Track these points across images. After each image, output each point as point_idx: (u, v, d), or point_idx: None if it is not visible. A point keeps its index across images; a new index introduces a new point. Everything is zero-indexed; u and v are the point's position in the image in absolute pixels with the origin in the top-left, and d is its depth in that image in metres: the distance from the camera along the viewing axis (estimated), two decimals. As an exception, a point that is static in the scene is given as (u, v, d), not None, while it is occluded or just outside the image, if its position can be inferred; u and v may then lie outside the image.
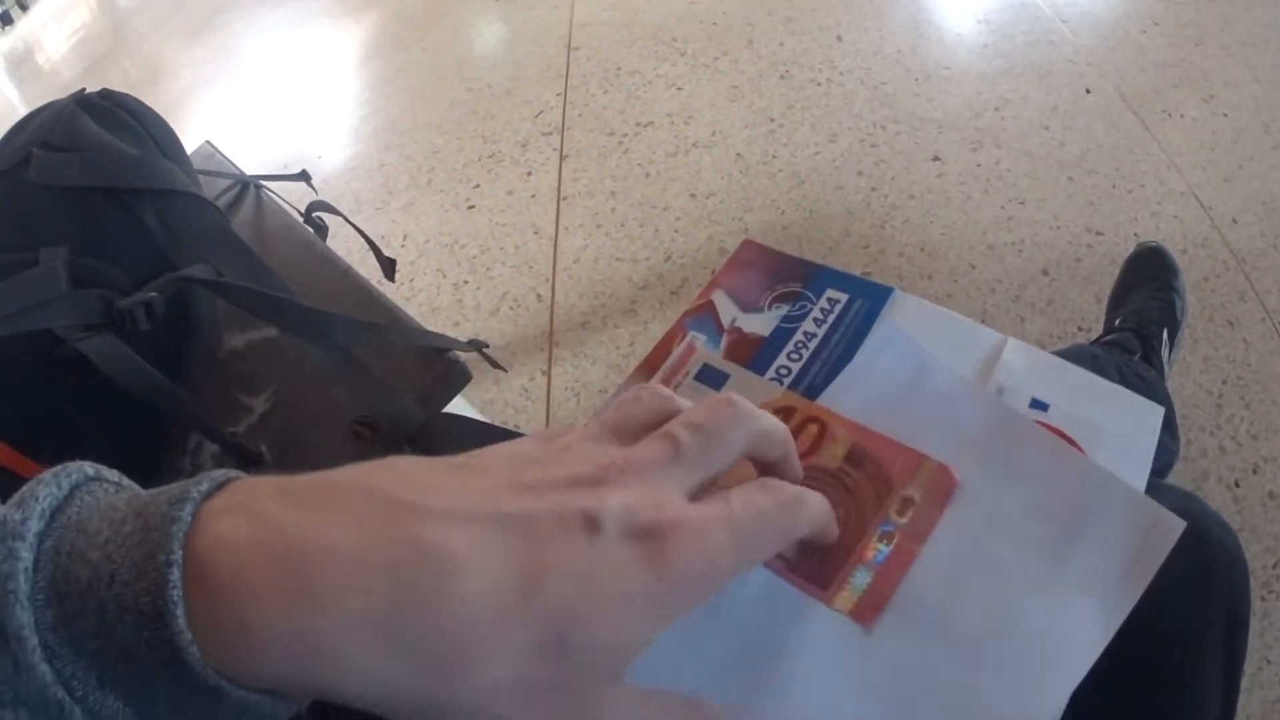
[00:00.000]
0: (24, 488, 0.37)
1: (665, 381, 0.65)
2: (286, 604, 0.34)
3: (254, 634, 0.34)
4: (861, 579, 0.56)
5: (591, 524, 0.39)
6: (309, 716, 0.66)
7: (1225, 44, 2.47)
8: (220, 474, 0.39)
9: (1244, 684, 0.69)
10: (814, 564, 0.56)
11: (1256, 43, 2.45)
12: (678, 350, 0.67)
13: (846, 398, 0.65)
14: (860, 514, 0.58)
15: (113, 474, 0.41)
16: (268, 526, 0.36)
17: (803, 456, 0.60)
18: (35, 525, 0.35)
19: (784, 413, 0.63)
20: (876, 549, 0.57)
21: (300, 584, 0.35)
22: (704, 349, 0.65)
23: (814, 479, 0.59)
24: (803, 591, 0.56)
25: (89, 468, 0.39)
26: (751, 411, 0.47)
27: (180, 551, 0.34)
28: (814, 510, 0.48)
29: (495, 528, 0.38)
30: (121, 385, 0.82)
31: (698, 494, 0.43)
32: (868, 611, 0.55)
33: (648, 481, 0.42)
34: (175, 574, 0.34)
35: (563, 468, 0.42)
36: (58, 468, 0.38)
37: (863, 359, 0.67)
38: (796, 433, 0.62)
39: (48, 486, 0.37)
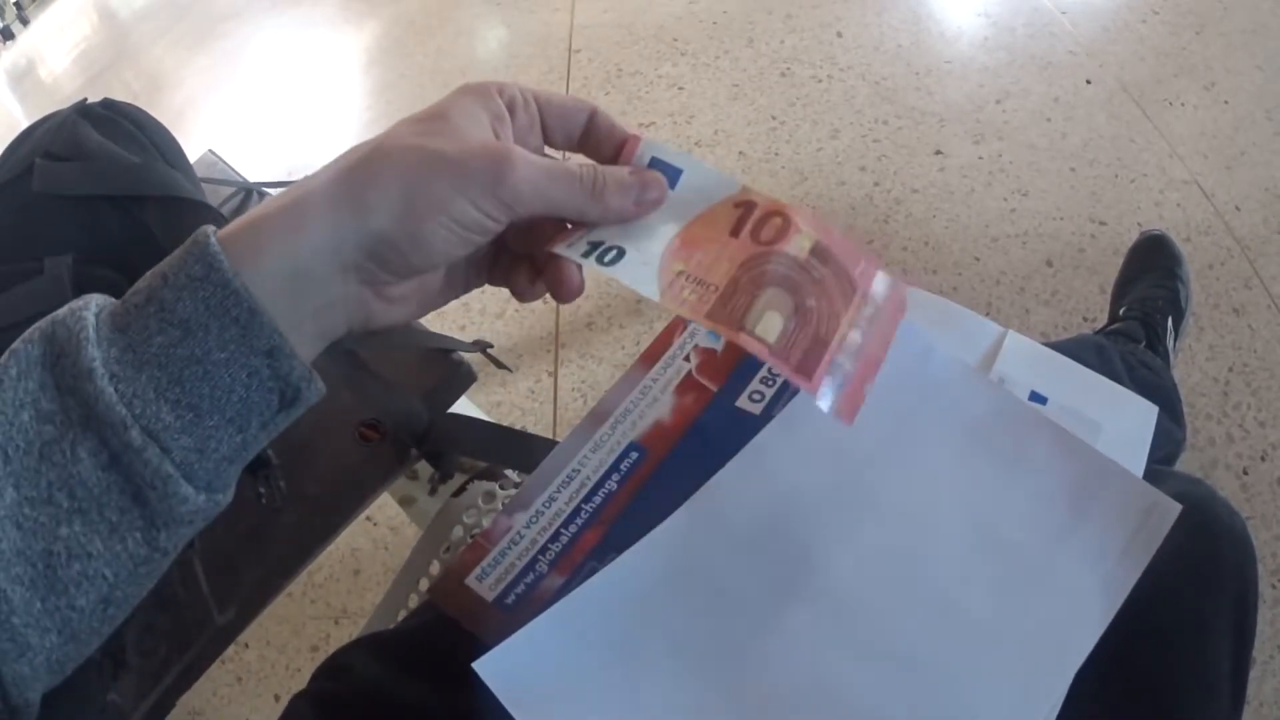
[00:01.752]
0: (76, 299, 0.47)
1: (661, 355, 0.64)
2: (284, 219, 0.47)
3: (264, 245, 0.46)
4: (839, 373, 0.55)
5: None
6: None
7: (1225, 32, 2.47)
8: None
9: (1255, 672, 0.69)
10: (799, 353, 0.55)
11: (1257, 30, 2.46)
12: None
13: None
14: (831, 307, 0.57)
15: None
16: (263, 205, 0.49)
17: (771, 244, 0.59)
18: (94, 306, 0.46)
19: (744, 206, 0.61)
20: (849, 345, 0.56)
21: (293, 200, 0.48)
22: (646, 141, 0.63)
23: (786, 266, 0.58)
24: (790, 380, 0.56)
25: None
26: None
27: (214, 235, 0.46)
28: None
29: None
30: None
31: None
32: (848, 409, 0.54)
33: None
34: (214, 239, 0.45)
35: None
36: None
37: None
38: (760, 224, 0.60)
39: (94, 295, 0.48)
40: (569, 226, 0.57)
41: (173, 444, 0.44)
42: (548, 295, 0.59)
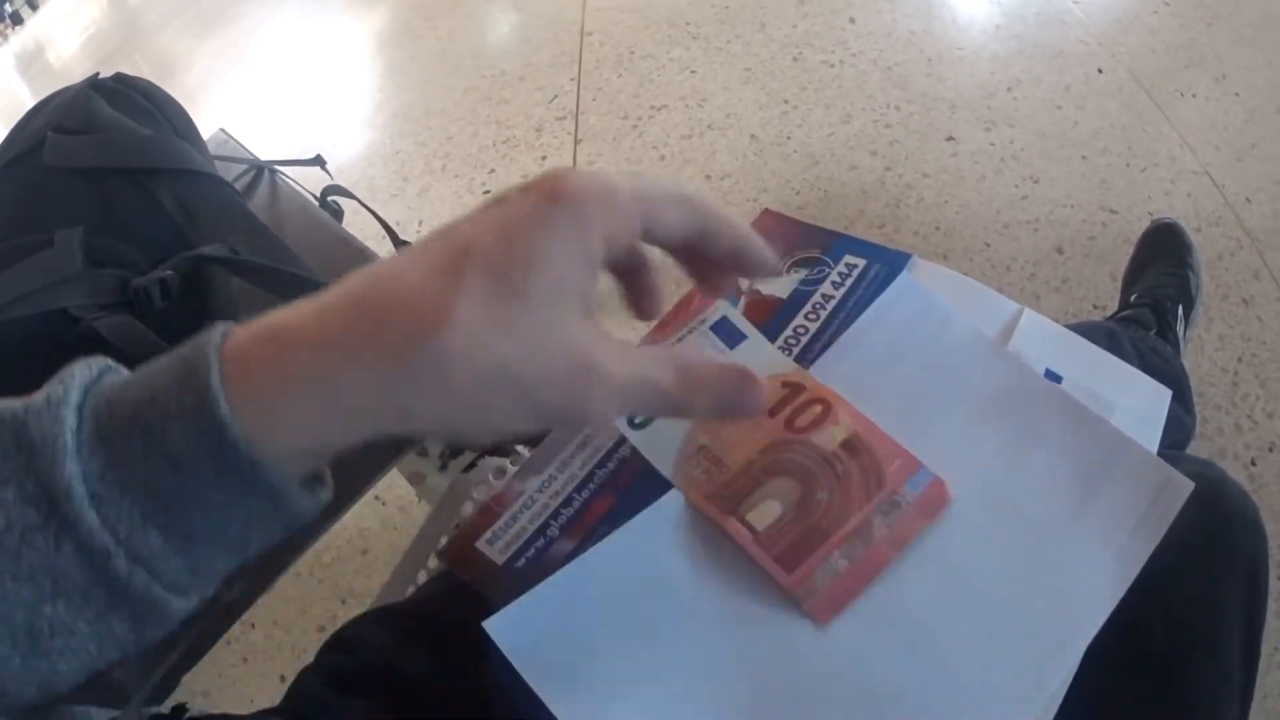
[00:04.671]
0: (58, 373, 0.42)
1: (681, 325, 0.66)
2: (310, 395, 0.40)
3: (276, 419, 0.40)
4: (829, 572, 0.56)
5: (498, 201, 0.43)
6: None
7: (1236, 25, 2.47)
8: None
9: (1262, 664, 0.69)
10: (786, 543, 0.57)
11: (1267, 24, 2.45)
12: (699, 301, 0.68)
13: (862, 346, 0.66)
14: (845, 502, 0.59)
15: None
16: (276, 323, 0.42)
17: (801, 432, 0.61)
18: (75, 395, 0.40)
19: (792, 388, 0.64)
20: (852, 543, 0.57)
21: (324, 374, 0.40)
22: (726, 304, 0.66)
23: (807, 456, 0.60)
24: (766, 570, 0.57)
25: (109, 360, 0.45)
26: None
27: (216, 359, 0.40)
28: None
29: (430, 241, 0.43)
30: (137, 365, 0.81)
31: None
32: (826, 609, 0.55)
33: None
34: (215, 373, 0.39)
35: None
36: (81, 359, 0.44)
37: (878, 310, 0.67)
38: (800, 410, 0.63)
39: (80, 368, 0.42)
40: None
41: (162, 567, 0.40)
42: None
